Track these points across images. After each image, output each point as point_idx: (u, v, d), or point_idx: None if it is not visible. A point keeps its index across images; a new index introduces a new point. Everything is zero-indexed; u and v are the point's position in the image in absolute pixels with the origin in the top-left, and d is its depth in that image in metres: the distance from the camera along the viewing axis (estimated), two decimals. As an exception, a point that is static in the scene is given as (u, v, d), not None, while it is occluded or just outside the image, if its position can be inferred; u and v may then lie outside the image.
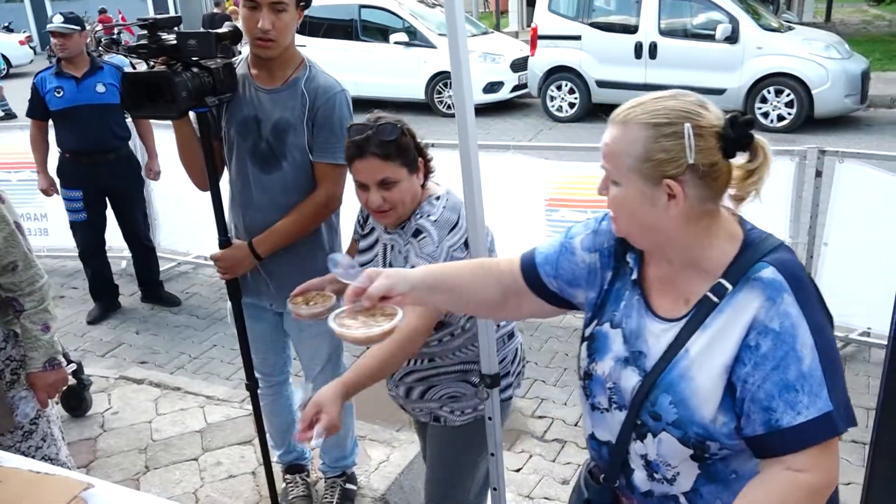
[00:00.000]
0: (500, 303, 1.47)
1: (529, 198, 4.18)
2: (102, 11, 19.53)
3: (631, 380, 1.27)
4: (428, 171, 1.93)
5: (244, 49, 2.43)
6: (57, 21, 4.28)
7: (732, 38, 9.32)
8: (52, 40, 4.38)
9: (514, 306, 1.48)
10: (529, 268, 1.45)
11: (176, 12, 11.59)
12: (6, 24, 18.30)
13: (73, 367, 3.47)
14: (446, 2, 1.90)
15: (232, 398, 3.61)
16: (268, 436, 2.74)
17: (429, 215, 1.84)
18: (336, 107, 2.28)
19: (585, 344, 1.37)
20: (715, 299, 1.18)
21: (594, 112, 10.44)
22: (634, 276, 1.31)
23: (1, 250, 1.93)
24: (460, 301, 1.49)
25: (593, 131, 9.73)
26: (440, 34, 11.31)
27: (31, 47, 20.69)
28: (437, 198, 1.89)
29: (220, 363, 4.25)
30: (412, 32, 11.35)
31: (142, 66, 2.30)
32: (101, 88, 4.39)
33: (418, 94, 11.38)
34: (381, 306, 1.35)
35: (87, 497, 1.47)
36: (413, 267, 1.67)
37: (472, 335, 1.90)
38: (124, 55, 8.26)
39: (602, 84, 10.23)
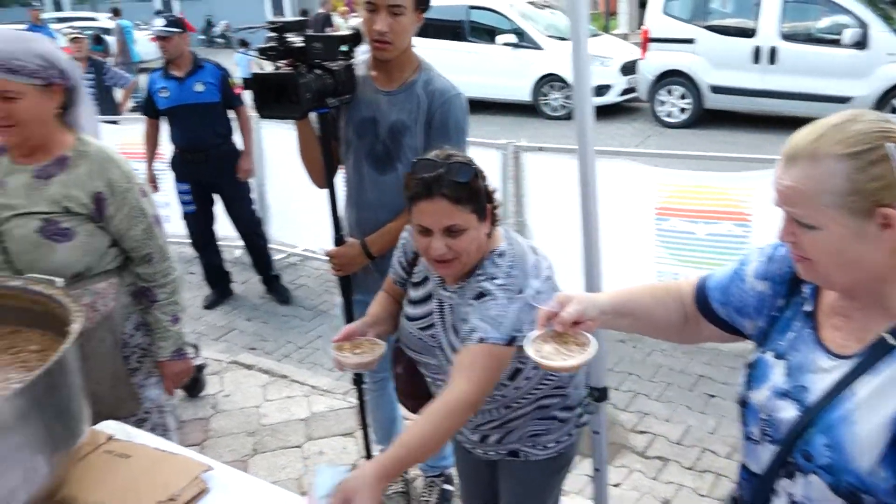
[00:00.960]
0: (681, 326, 1.46)
1: (639, 206, 4.09)
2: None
3: (787, 413, 1.19)
4: (495, 220, 1.73)
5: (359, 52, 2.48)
6: (159, 24, 4.51)
7: (861, 44, 8.78)
8: (156, 43, 4.62)
9: (693, 330, 1.46)
10: (701, 293, 1.43)
11: (293, 14, 12.01)
12: (138, 22, 19.55)
13: (199, 359, 3.67)
14: (569, 8, 1.88)
15: (335, 389, 3.72)
16: (370, 429, 2.80)
17: (493, 278, 1.65)
18: (452, 110, 2.29)
19: (745, 370, 1.32)
20: (892, 342, 1.09)
21: (705, 118, 10.08)
22: (809, 307, 1.24)
23: (139, 242, 2.04)
24: (645, 325, 1.48)
25: (704, 138, 9.40)
26: (549, 36, 11.21)
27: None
28: (501, 255, 1.69)
29: (325, 354, 4.37)
30: (520, 34, 11.31)
31: (268, 67, 2.40)
32: (199, 88, 4.59)
33: (524, 95, 11.34)
34: (574, 332, 1.35)
35: (206, 478, 1.55)
36: (473, 331, 1.60)
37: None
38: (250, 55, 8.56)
39: (716, 90, 9.86)
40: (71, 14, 22.06)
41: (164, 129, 4.79)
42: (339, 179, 2.47)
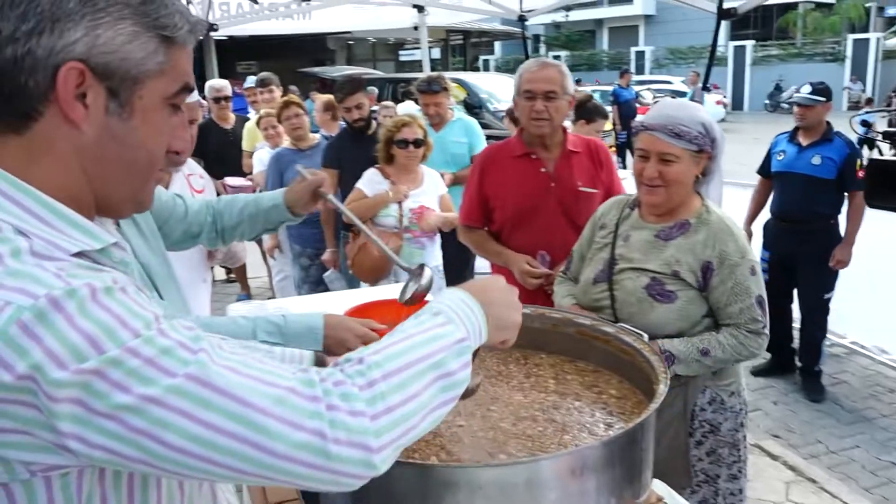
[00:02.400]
0: None
1: None
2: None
3: None
4: None
5: None
6: (804, 91, 4.42)
7: None
8: (795, 109, 4.50)
9: None
10: None
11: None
12: (706, 85, 20.49)
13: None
14: None
15: (872, 515, 3.20)
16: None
17: None
18: None
19: None
20: None
21: None
22: None
23: (734, 319, 2.01)
24: None
25: None
26: None
27: (723, 107, 22.54)
28: None
29: (861, 469, 3.81)
30: None
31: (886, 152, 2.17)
32: (816, 161, 4.36)
33: None
34: None
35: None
36: None
37: None
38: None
39: None
40: (649, 77, 24.21)
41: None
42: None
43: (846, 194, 4.38)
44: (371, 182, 3.93)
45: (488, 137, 4.92)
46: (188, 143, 0.94)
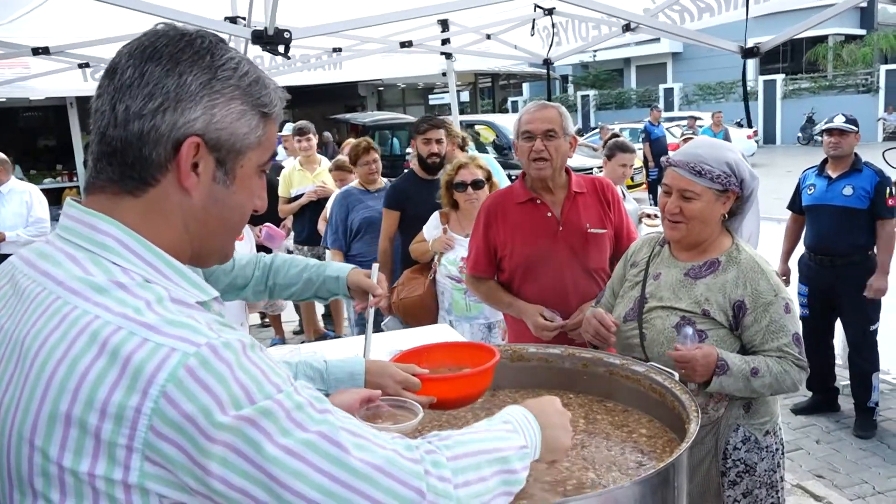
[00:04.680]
0: None
1: None
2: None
3: None
4: None
5: None
6: (837, 121, 4.39)
7: None
8: (827, 138, 4.44)
9: None
10: None
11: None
12: (738, 121, 20.28)
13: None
14: None
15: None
16: None
17: None
18: None
19: None
20: None
21: None
22: None
23: (771, 356, 1.99)
24: None
25: None
26: None
27: (755, 141, 22.38)
28: None
29: (912, 511, 3.69)
30: None
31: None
32: (848, 191, 4.32)
33: None
34: None
35: None
36: None
37: None
38: None
39: None
40: (679, 114, 24.19)
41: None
42: None
43: (878, 223, 4.32)
44: (430, 227, 3.93)
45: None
46: (265, 202, 1.05)
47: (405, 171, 5.06)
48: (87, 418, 0.80)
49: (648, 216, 5.02)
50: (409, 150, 6.71)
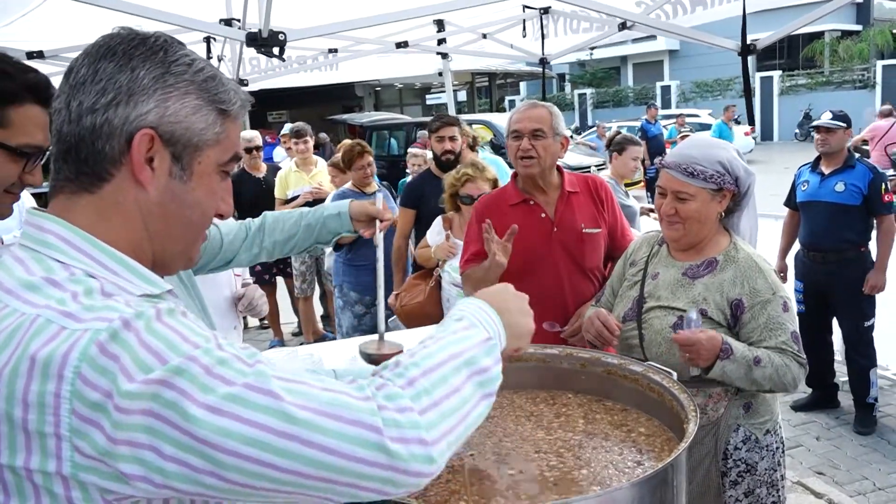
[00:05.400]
0: None
1: None
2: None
3: None
4: None
5: None
6: (825, 118, 4.42)
7: None
8: (816, 135, 4.48)
9: None
10: None
11: None
12: (735, 117, 20.27)
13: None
14: None
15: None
16: None
17: None
18: None
19: None
20: None
21: None
22: None
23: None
24: None
25: None
26: None
27: (752, 138, 22.38)
28: None
29: (911, 506, 3.69)
30: None
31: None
32: (840, 188, 4.33)
33: None
34: None
35: None
36: None
37: None
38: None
39: None
40: (676, 111, 24.17)
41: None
42: None
43: (874, 220, 4.33)
44: (433, 232, 3.92)
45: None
46: (232, 207, 1.03)
47: (405, 171, 5.05)
48: (12, 412, 0.81)
49: (651, 210, 5.03)
50: (411, 148, 6.71)
